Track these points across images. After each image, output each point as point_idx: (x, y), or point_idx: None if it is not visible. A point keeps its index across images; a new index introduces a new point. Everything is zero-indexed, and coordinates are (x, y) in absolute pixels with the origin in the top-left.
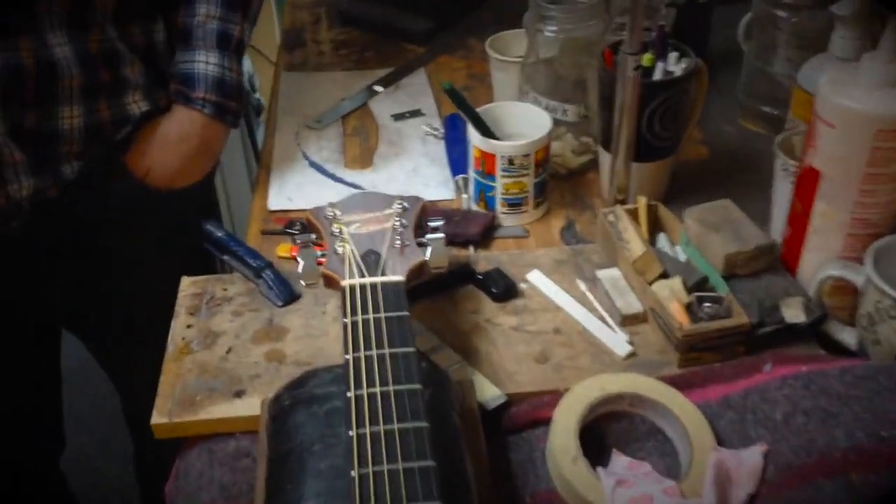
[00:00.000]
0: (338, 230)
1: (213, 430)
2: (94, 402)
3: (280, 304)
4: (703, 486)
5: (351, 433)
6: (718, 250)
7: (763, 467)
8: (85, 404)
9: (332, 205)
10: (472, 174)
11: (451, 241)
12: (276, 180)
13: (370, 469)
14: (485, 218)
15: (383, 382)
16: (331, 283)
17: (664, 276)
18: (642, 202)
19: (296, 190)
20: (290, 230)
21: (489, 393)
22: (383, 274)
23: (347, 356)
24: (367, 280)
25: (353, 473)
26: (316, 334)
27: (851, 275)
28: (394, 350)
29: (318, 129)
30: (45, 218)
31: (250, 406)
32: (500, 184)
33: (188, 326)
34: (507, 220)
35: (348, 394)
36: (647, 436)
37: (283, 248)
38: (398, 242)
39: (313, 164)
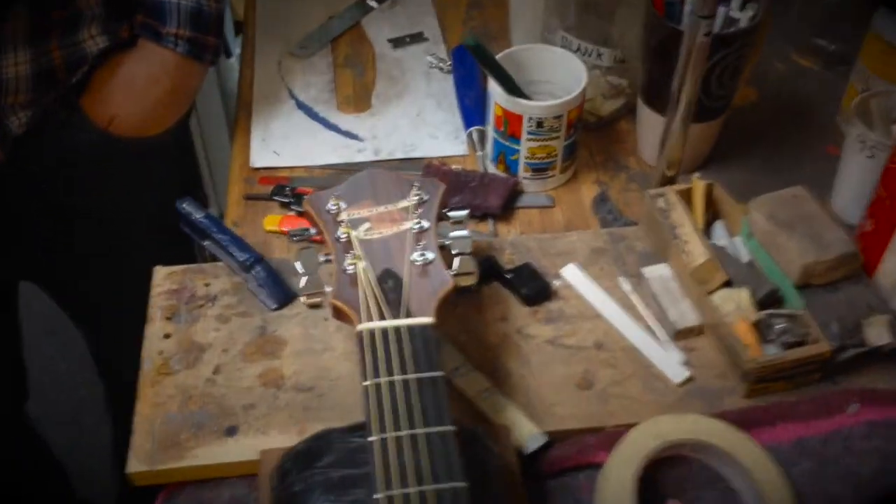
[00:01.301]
0: (345, 235)
1: (201, 475)
2: (60, 349)
3: (273, 307)
4: None
5: None
6: (793, 256)
7: None
8: (51, 352)
9: (336, 195)
10: (490, 132)
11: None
12: (259, 127)
13: None
14: (506, 185)
15: (419, 479)
16: (341, 315)
17: (727, 282)
18: (699, 186)
19: (282, 142)
20: (278, 197)
21: (526, 431)
22: (408, 312)
23: (373, 438)
24: (390, 324)
25: None
26: (318, 348)
27: None
28: (429, 429)
29: (304, 56)
30: None
31: (245, 448)
32: (524, 147)
33: (165, 336)
34: (531, 186)
35: (377, 495)
36: (708, 484)
37: (272, 221)
38: (420, 257)
39: (301, 106)
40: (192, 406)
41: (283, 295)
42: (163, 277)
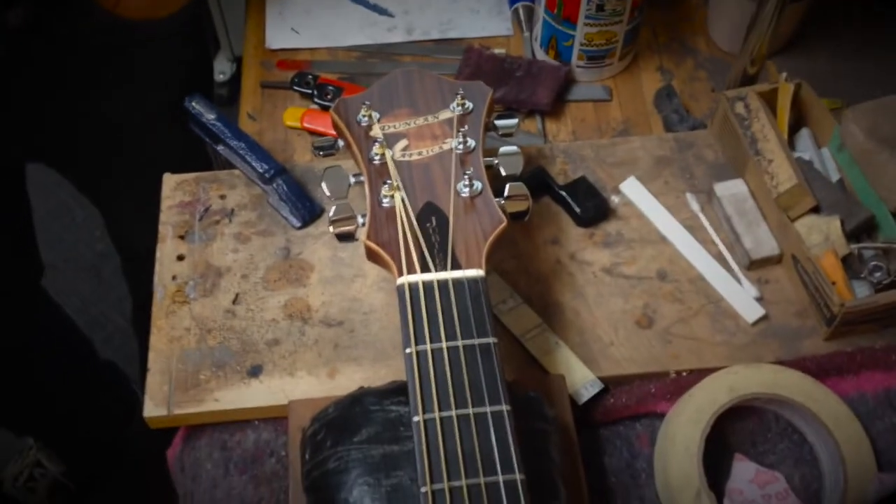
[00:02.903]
0: (379, 156)
1: (223, 419)
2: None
3: (298, 225)
4: None
5: None
6: (894, 181)
7: None
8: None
9: (367, 103)
10: (541, 12)
11: (510, 107)
12: (275, 1)
13: None
14: (556, 76)
15: (471, 472)
16: (376, 259)
17: (814, 208)
18: (787, 89)
19: (303, 17)
20: (299, 87)
21: (580, 377)
22: (454, 262)
23: (417, 418)
24: (434, 277)
25: None
26: (348, 275)
27: None
28: (481, 409)
29: None
30: None
31: (271, 392)
32: (580, 33)
33: (179, 258)
34: (585, 76)
35: (424, 489)
36: (780, 436)
37: (292, 115)
38: (466, 187)
39: None
40: (212, 341)
41: (308, 211)
42: (173, 188)
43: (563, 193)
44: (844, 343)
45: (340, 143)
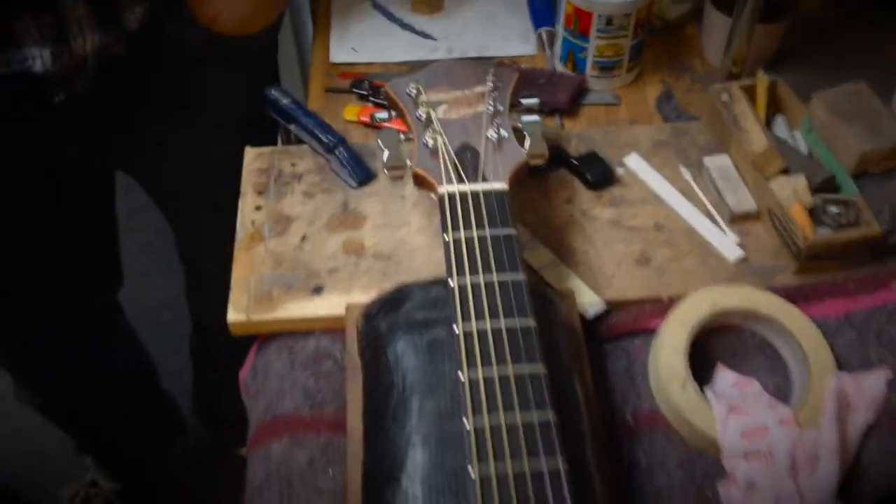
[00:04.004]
0: (424, 114)
1: (291, 328)
2: (149, 244)
3: (354, 185)
4: (821, 416)
5: (462, 378)
6: (851, 146)
7: (885, 396)
8: (139, 247)
9: (414, 80)
10: (560, 31)
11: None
12: (337, 26)
13: (486, 422)
14: (573, 83)
15: (493, 315)
16: (422, 183)
17: (784, 171)
18: (763, 81)
19: (359, 39)
20: (357, 89)
21: (587, 299)
22: (484, 179)
23: (452, 282)
24: (468, 188)
25: (468, 425)
26: (395, 224)
27: None
28: (503, 277)
29: None
30: (110, 77)
31: (330, 305)
32: (593, 45)
33: (257, 208)
34: (597, 84)
35: (456, 329)
36: (756, 351)
37: (351, 111)
38: (495, 134)
39: (378, 7)
40: (283, 269)
41: (364, 174)
42: (253, 157)
43: (576, 162)
44: (811, 278)
45: (393, 113)
